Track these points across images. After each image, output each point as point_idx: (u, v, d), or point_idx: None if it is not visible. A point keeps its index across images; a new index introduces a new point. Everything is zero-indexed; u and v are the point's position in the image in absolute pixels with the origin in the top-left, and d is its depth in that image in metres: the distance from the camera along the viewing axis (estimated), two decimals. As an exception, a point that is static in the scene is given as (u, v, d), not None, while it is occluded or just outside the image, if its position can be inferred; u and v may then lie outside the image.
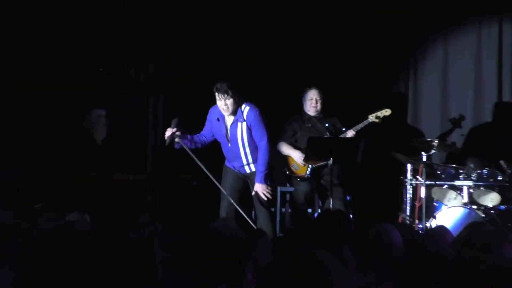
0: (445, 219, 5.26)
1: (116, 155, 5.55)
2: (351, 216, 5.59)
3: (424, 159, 5.46)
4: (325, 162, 5.39)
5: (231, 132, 5.03)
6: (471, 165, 5.50)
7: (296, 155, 5.61)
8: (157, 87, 6.33)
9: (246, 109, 4.98)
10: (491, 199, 5.49)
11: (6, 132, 5.75)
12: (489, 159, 5.59)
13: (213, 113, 5.12)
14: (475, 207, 5.40)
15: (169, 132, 4.98)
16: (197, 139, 5.14)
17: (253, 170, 5.07)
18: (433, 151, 5.58)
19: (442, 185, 5.60)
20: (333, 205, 5.26)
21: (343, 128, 5.68)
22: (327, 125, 5.71)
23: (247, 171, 5.10)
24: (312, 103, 5.76)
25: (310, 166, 5.60)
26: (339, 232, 2.95)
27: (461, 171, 5.51)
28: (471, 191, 5.48)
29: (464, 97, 6.44)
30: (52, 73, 6.01)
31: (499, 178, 5.44)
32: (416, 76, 6.61)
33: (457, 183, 5.51)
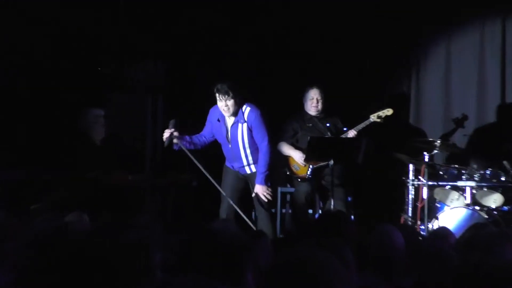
0: (447, 220, 5.25)
1: (114, 155, 5.53)
2: (352, 217, 5.57)
3: (426, 159, 5.44)
4: (326, 162, 5.36)
5: (231, 133, 5.00)
6: (474, 166, 5.48)
7: (296, 155, 5.58)
8: (156, 87, 6.32)
9: (247, 110, 4.95)
10: (494, 200, 5.47)
11: (6, 132, 5.73)
12: (492, 160, 5.57)
13: (213, 113, 5.08)
14: (478, 208, 5.39)
15: (167, 133, 4.95)
16: (196, 140, 5.10)
17: (253, 171, 5.04)
18: (435, 151, 5.56)
19: (444, 185, 5.58)
20: (334, 206, 5.24)
21: (344, 128, 5.65)
22: (328, 125, 5.68)
23: (247, 172, 5.08)
24: (313, 103, 5.73)
25: (311, 166, 5.57)
26: (340, 233, 2.92)
27: (463, 171, 5.49)
28: (474, 191, 5.46)
29: (466, 97, 6.41)
30: (52, 73, 6.00)
31: (502, 178, 5.43)
32: (418, 75, 6.59)
33: (459, 183, 5.50)
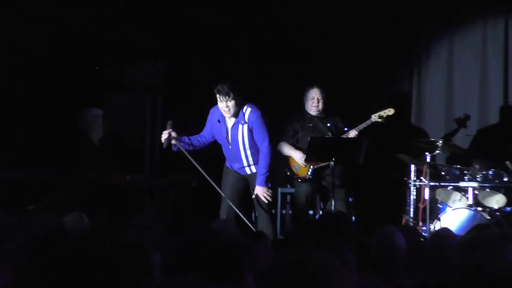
0: (449, 221, 5.23)
1: (113, 155, 5.52)
2: (353, 218, 5.55)
3: (428, 159, 5.42)
4: (326, 162, 5.33)
5: (232, 134, 4.97)
6: (476, 166, 5.45)
7: (297, 156, 5.55)
8: (156, 87, 6.31)
9: (247, 111, 4.92)
10: (497, 201, 5.45)
11: (6, 132, 5.72)
12: (494, 160, 5.55)
13: (213, 114, 5.06)
14: (480, 209, 5.37)
15: (165, 134, 4.92)
16: (195, 141, 5.07)
17: (253, 171, 5.02)
18: (437, 152, 5.54)
19: (446, 186, 5.56)
20: (335, 206, 5.22)
21: (345, 128, 5.63)
22: (329, 125, 5.66)
23: (248, 173, 5.06)
24: (313, 103, 5.70)
25: (311, 167, 5.55)
26: (340, 234, 2.90)
27: (466, 172, 5.47)
28: (476, 192, 5.44)
29: (469, 96, 6.38)
30: (52, 73, 6.00)
31: (505, 179, 5.42)
32: (420, 75, 6.56)
33: (462, 184, 5.48)
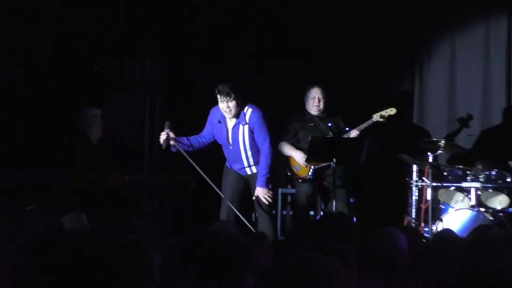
0: (452, 222, 5.21)
1: (112, 155, 5.50)
2: (355, 218, 5.53)
3: (430, 160, 5.40)
4: (327, 163, 5.31)
5: (232, 134, 4.95)
6: (479, 166, 5.43)
7: (298, 156, 5.52)
8: (156, 87, 6.30)
9: (248, 112, 4.90)
10: (500, 202, 5.43)
11: (6, 132, 5.72)
12: (497, 160, 5.52)
13: (214, 114, 5.03)
14: (483, 209, 5.34)
15: (163, 135, 4.90)
16: (194, 141, 5.04)
17: (254, 172, 5.00)
18: (439, 152, 5.52)
19: (449, 186, 5.54)
20: (336, 207, 5.19)
21: (347, 127, 5.61)
22: (330, 124, 5.63)
23: (248, 173, 5.04)
24: (314, 102, 5.68)
25: (312, 167, 5.52)
26: (342, 235, 2.88)
27: (468, 172, 5.45)
28: (479, 193, 5.41)
29: (471, 96, 6.36)
30: (52, 73, 6.00)
31: (508, 179, 5.41)
32: (422, 75, 6.54)
33: (464, 184, 5.45)
